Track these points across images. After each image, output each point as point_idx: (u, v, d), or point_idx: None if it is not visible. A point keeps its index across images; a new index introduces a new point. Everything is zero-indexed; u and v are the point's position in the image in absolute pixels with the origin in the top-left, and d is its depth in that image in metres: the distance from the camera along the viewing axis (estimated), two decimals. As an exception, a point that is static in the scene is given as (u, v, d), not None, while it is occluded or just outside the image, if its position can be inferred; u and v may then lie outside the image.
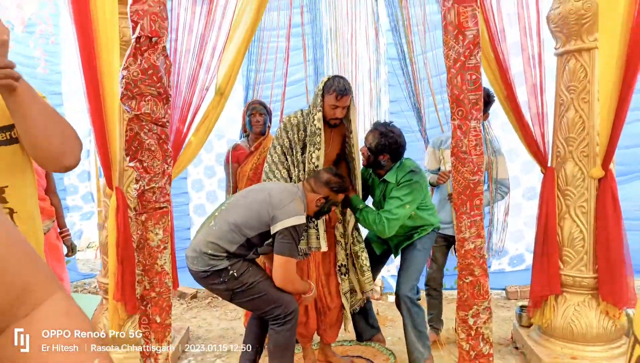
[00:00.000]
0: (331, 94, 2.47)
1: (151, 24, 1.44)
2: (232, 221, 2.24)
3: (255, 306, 2.33)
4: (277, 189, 2.34)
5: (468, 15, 1.41)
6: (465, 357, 1.58)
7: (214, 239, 2.21)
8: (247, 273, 2.25)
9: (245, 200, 2.34)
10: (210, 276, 2.19)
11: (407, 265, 2.76)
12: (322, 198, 2.38)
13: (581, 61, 2.66)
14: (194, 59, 2.92)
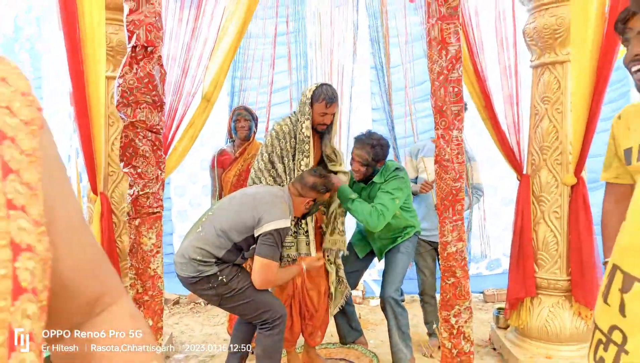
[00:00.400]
0: (320, 102, 2.53)
1: (147, 33, 1.48)
2: (218, 227, 2.26)
3: (243, 311, 2.36)
4: (263, 193, 2.38)
5: (451, 31, 1.50)
6: (447, 355, 1.65)
7: (201, 245, 2.23)
8: (236, 278, 2.29)
9: (231, 205, 2.37)
10: (199, 282, 2.22)
11: (391, 268, 2.83)
12: (310, 201, 2.44)
13: (555, 73, 2.79)
14: (179, 66, 2.95)
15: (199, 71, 2.98)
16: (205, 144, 4.49)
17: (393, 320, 2.73)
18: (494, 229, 4.19)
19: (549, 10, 2.72)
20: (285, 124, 2.66)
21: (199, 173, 4.65)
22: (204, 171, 4.62)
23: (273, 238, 2.23)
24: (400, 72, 3.95)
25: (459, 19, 1.50)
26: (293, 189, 2.46)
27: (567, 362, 2.76)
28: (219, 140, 4.52)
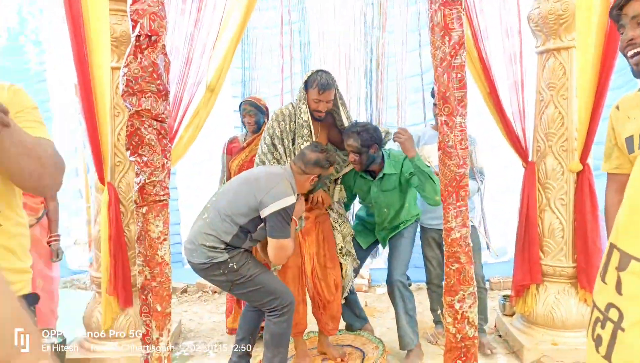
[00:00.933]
0: (314, 88, 2.54)
1: (150, 23, 1.49)
2: (222, 211, 2.28)
3: (253, 298, 2.39)
4: (262, 174, 2.39)
5: (454, 17, 1.49)
6: (452, 340, 1.67)
7: (209, 230, 2.25)
8: (247, 265, 2.31)
9: (232, 189, 2.38)
10: (210, 268, 2.25)
11: (397, 253, 2.85)
12: (315, 177, 2.44)
13: (560, 59, 2.77)
14: (183, 56, 2.96)
15: (202, 61, 2.98)
16: (210, 134, 4.51)
17: (401, 303, 2.75)
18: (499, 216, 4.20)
19: (554, -5, 2.69)
20: (286, 108, 2.68)
21: (205, 163, 4.68)
22: (209, 161, 4.64)
23: (280, 217, 2.24)
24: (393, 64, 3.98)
25: (462, 5, 1.49)
26: (295, 167, 2.45)
27: (572, 348, 2.77)
28: (224, 130, 4.54)
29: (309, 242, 2.71)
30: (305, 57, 4.17)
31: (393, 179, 2.75)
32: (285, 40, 4.10)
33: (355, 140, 2.59)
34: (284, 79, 4.22)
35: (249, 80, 4.26)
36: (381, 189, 2.79)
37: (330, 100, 2.59)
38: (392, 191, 2.78)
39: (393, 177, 2.75)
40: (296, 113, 2.63)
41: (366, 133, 2.60)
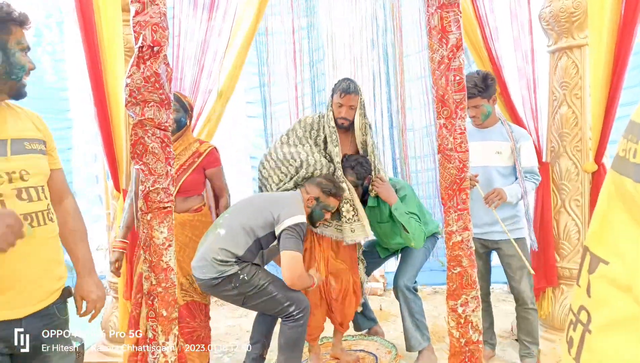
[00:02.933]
0: (336, 93, 2.59)
1: (152, 34, 1.53)
2: (243, 223, 2.35)
3: (268, 307, 2.40)
4: (278, 195, 2.48)
5: (451, 19, 1.48)
6: (455, 344, 1.66)
7: (222, 244, 2.30)
8: (257, 275, 2.34)
9: (251, 203, 2.46)
10: (221, 283, 2.28)
11: (408, 260, 2.82)
12: (312, 198, 2.46)
13: (572, 58, 2.72)
14: (195, 64, 3.02)
15: (214, 68, 3.04)
16: (226, 141, 4.58)
17: (405, 306, 2.74)
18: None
19: (565, -7, 2.64)
20: (310, 117, 2.75)
21: (220, 169, 4.73)
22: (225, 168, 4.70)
23: (295, 231, 2.30)
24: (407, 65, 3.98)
25: (459, 7, 1.48)
26: (303, 188, 2.53)
27: (590, 352, 2.70)
28: (239, 136, 4.59)
29: (324, 246, 2.70)
30: (316, 62, 4.19)
31: (384, 211, 2.73)
32: (297, 45, 4.14)
33: (351, 175, 2.62)
34: (297, 84, 4.25)
35: (264, 85, 4.30)
36: (376, 221, 2.76)
37: (353, 106, 2.59)
38: (386, 224, 2.76)
39: (385, 210, 2.72)
40: (320, 123, 2.70)
41: (360, 167, 2.63)
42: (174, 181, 2.28)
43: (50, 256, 1.38)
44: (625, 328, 0.58)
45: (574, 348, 0.67)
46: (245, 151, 4.65)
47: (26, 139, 1.38)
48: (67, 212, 1.54)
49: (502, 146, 2.55)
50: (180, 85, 3.03)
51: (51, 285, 1.38)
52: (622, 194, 0.63)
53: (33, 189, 1.35)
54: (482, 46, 2.85)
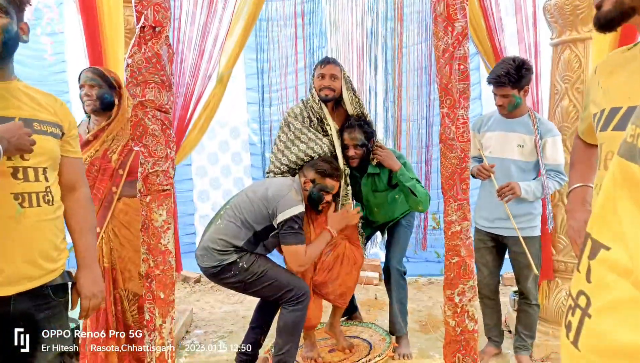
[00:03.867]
0: (317, 68, 2.61)
1: (155, 14, 1.51)
2: (239, 217, 2.37)
3: (268, 293, 2.42)
4: (274, 184, 2.45)
5: (457, 7, 1.47)
6: (451, 333, 1.67)
7: (221, 235, 2.34)
8: (256, 263, 2.37)
9: (247, 198, 2.45)
10: (222, 271, 2.32)
11: (395, 241, 2.87)
12: (308, 181, 2.46)
13: (576, 51, 2.70)
14: (196, 48, 2.99)
15: (214, 52, 3.01)
16: (224, 125, 4.56)
17: (396, 290, 2.77)
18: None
19: (571, -15, 2.62)
20: (297, 107, 2.73)
21: (219, 154, 4.73)
22: (223, 153, 4.70)
23: (291, 224, 2.31)
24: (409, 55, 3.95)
25: (467, -5, 1.47)
26: (301, 173, 2.53)
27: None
28: (237, 121, 4.58)
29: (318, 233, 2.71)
30: (316, 49, 4.16)
31: (383, 180, 2.73)
32: (299, 31, 4.10)
33: (359, 133, 2.57)
34: (297, 71, 4.22)
35: (264, 72, 4.27)
36: (371, 189, 2.77)
37: (335, 75, 2.58)
38: (382, 193, 2.77)
39: (384, 178, 2.72)
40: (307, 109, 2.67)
41: (368, 126, 2.61)
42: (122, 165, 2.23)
43: (43, 238, 1.36)
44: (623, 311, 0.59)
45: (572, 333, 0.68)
46: (244, 138, 4.64)
47: (37, 120, 1.36)
48: (78, 202, 1.53)
49: (525, 140, 2.44)
50: (181, 69, 3.00)
51: (45, 266, 1.37)
52: (628, 180, 0.63)
53: (32, 170, 1.33)
54: (486, 37, 2.83)
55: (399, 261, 2.81)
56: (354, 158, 2.63)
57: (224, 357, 2.88)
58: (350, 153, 2.62)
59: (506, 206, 2.37)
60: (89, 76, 2.28)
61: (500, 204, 2.41)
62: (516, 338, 2.70)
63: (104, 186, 2.25)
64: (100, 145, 2.26)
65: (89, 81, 2.26)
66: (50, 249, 1.38)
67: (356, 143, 2.59)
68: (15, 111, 1.33)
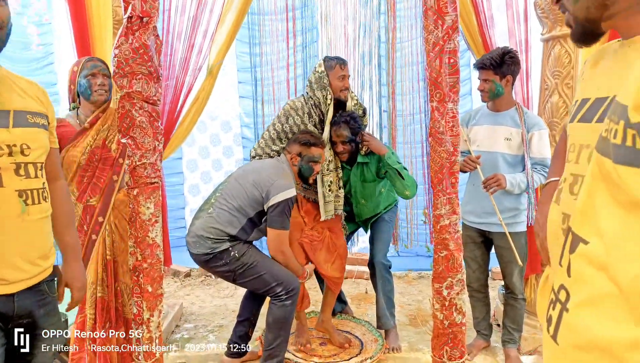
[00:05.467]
0: (335, 67, 2.60)
1: (142, 4, 1.49)
2: (232, 204, 2.37)
3: (257, 286, 2.42)
4: (264, 167, 2.45)
5: (447, 0, 1.47)
6: (439, 326, 1.67)
7: (215, 224, 2.33)
8: (248, 253, 2.37)
9: (238, 184, 2.43)
10: (213, 259, 2.32)
11: (379, 236, 2.90)
12: (295, 155, 2.47)
13: (566, 47, 2.71)
14: (186, 40, 2.96)
15: (204, 44, 2.98)
16: (215, 119, 4.54)
17: (382, 284, 2.80)
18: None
19: (562, -19, 2.62)
20: (299, 100, 2.73)
21: (209, 148, 4.71)
22: (214, 146, 4.67)
23: (281, 208, 2.33)
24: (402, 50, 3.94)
25: (456, -12, 1.47)
26: (285, 151, 2.55)
27: (569, 338, 2.76)
28: (227, 115, 4.55)
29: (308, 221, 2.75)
30: (309, 43, 4.14)
31: (371, 170, 2.76)
32: (290, 25, 4.08)
33: (345, 130, 2.62)
34: (289, 65, 4.20)
35: (256, 65, 4.25)
36: (360, 179, 2.79)
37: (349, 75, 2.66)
38: (370, 183, 2.80)
39: (372, 168, 2.76)
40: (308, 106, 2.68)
41: (354, 122, 2.63)
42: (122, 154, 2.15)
43: (41, 235, 1.35)
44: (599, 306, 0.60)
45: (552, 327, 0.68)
46: (236, 131, 4.62)
47: (29, 112, 1.32)
48: (61, 193, 1.49)
49: (512, 133, 2.46)
50: (170, 60, 2.97)
51: (42, 263, 1.35)
52: (603, 174, 0.64)
53: (32, 166, 1.30)
54: (477, 33, 2.83)
55: (383, 255, 2.84)
56: (342, 153, 2.69)
57: (214, 350, 2.88)
58: (338, 149, 2.67)
59: (492, 199, 2.36)
60: (102, 66, 2.27)
61: (487, 199, 2.41)
62: (504, 332, 2.73)
63: (105, 175, 2.23)
64: (97, 133, 2.22)
65: (104, 70, 2.25)
66: (47, 246, 1.37)
67: (343, 139, 2.64)
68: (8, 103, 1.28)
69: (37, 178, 1.32)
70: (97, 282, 2.20)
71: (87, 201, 2.21)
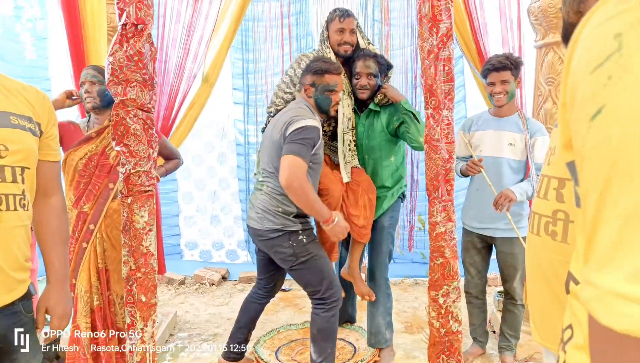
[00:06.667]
0: (334, 20, 2.43)
1: (137, 11, 1.48)
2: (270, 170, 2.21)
3: (310, 281, 2.28)
4: (283, 116, 2.24)
5: (442, 8, 1.47)
6: (435, 334, 1.66)
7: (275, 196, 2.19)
8: (313, 244, 2.26)
9: (266, 149, 2.27)
10: (280, 237, 2.19)
11: (379, 249, 2.68)
12: (308, 86, 2.25)
13: (559, 54, 2.73)
14: (181, 47, 2.97)
15: (199, 51, 2.98)
16: (209, 126, 4.52)
17: (382, 301, 2.66)
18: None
19: (555, -11, 2.65)
20: (311, 53, 2.58)
21: (203, 155, 4.69)
22: (208, 154, 4.65)
23: (301, 134, 2.05)
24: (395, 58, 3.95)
25: (452, -4, 1.48)
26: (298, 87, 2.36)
27: (565, 345, 2.76)
28: (223, 122, 4.54)
29: None
30: (303, 50, 4.15)
31: (382, 121, 2.56)
32: (285, 32, 4.09)
33: (374, 62, 2.46)
34: (283, 72, 4.21)
35: (250, 72, 4.26)
36: (368, 128, 2.57)
37: (353, 30, 2.45)
38: (378, 134, 2.56)
39: (383, 119, 2.56)
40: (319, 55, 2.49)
41: (383, 59, 2.51)
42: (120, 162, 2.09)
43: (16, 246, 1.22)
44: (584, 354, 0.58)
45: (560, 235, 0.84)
46: (230, 138, 4.60)
47: (14, 114, 1.23)
48: (53, 210, 1.38)
49: (516, 138, 2.46)
50: (165, 68, 2.97)
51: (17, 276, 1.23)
52: None
53: (9, 169, 1.19)
54: (471, 40, 2.85)
55: (385, 269, 2.68)
56: (365, 88, 2.48)
57: (209, 359, 2.85)
58: (362, 82, 2.47)
59: (508, 215, 2.35)
60: (90, 73, 2.26)
61: (490, 204, 2.40)
62: (501, 339, 2.72)
63: (101, 182, 2.19)
64: (100, 142, 2.21)
65: (90, 77, 2.24)
66: (22, 259, 1.24)
67: (370, 71, 2.45)
68: None
69: (15, 182, 1.20)
70: (92, 290, 2.18)
71: (81, 208, 2.19)
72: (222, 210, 4.75)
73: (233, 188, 4.67)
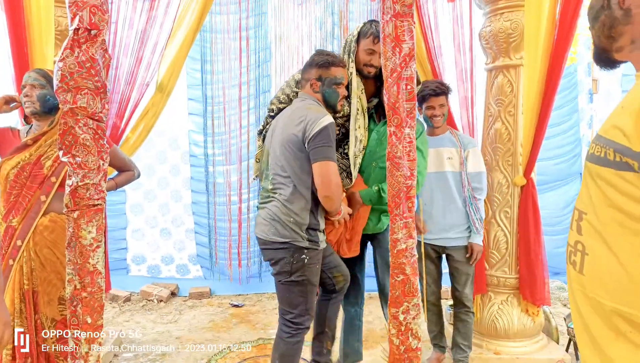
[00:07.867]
0: (368, 37, 2.28)
1: (91, 16, 1.40)
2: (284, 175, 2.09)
3: (288, 299, 2.17)
4: (293, 117, 2.14)
5: (405, 29, 1.50)
6: (395, 352, 1.66)
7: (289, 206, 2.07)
8: (312, 269, 2.12)
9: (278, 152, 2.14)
10: (283, 250, 2.07)
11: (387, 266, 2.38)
12: (314, 80, 2.17)
13: (508, 77, 2.87)
14: (133, 54, 2.87)
15: (153, 59, 2.89)
16: (161, 135, 4.38)
17: None
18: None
19: (504, 15, 2.78)
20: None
21: (155, 166, 4.53)
22: (160, 164, 4.50)
23: (323, 137, 1.97)
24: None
25: (414, 17, 1.50)
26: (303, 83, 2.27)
27: (514, 357, 2.85)
28: (177, 132, 4.41)
29: None
30: (262, 62, 4.13)
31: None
32: (244, 45, 4.06)
33: None
34: (241, 84, 4.16)
35: (207, 83, 4.18)
36: (382, 135, 2.41)
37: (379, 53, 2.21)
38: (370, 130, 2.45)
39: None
40: None
41: None
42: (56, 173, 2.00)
43: None
44: None
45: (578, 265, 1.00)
46: (184, 149, 4.48)
47: None
48: None
49: (453, 152, 2.66)
50: (116, 75, 2.85)
51: None
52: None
53: None
54: (426, 60, 2.94)
55: None
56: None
57: (156, 382, 2.71)
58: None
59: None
60: (32, 76, 2.11)
61: (442, 216, 2.64)
62: (456, 350, 2.77)
63: (32, 194, 2.01)
64: (36, 150, 2.06)
65: (31, 80, 2.10)
66: None
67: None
68: None
69: None
70: (15, 314, 1.96)
71: (9, 221, 2.00)
72: (173, 222, 4.59)
73: (185, 200, 4.54)
